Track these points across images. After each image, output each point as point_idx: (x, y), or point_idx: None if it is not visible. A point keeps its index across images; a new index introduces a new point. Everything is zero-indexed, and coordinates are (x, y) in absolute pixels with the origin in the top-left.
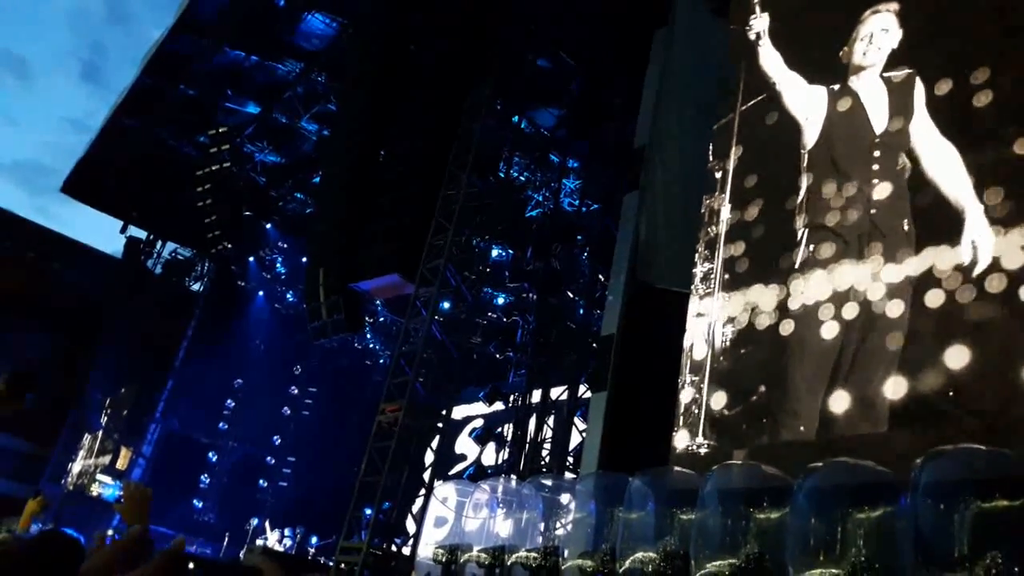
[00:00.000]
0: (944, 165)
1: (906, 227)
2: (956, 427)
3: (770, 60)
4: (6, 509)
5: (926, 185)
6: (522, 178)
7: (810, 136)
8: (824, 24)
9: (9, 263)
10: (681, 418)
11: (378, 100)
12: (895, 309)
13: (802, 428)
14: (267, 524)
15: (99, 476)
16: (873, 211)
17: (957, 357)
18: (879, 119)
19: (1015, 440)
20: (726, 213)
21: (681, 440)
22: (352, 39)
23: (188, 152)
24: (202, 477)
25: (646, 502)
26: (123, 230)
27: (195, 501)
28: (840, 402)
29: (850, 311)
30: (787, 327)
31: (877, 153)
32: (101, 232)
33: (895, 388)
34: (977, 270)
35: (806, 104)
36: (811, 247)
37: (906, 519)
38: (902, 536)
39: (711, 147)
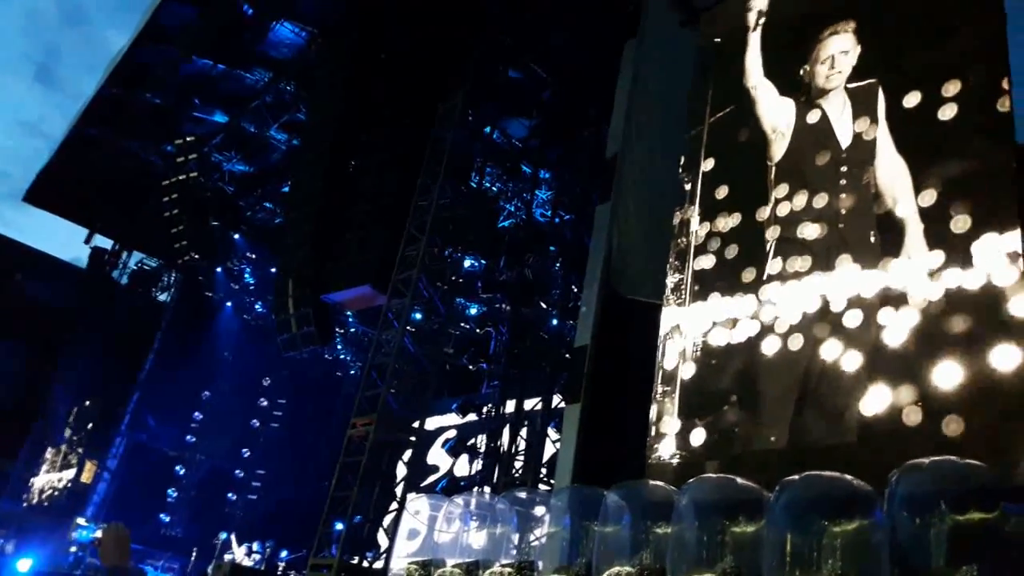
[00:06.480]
0: (896, 178)
1: (872, 239)
2: (925, 439)
3: (752, 61)
4: None
5: (887, 198)
6: (494, 188)
7: (778, 149)
8: (787, 41)
9: None
10: (654, 429)
11: (348, 110)
12: (863, 321)
13: (773, 438)
14: (233, 538)
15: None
16: (841, 224)
17: (925, 369)
18: (844, 133)
19: (987, 452)
20: (696, 224)
21: (655, 451)
22: (321, 48)
23: (154, 161)
24: (169, 491)
25: (622, 516)
26: (88, 240)
27: (162, 515)
28: (810, 413)
29: (819, 323)
30: (757, 338)
31: (844, 168)
32: (63, 241)
33: (864, 399)
34: (937, 282)
35: (776, 114)
36: (780, 259)
37: (882, 532)
38: (878, 549)
39: (681, 159)
